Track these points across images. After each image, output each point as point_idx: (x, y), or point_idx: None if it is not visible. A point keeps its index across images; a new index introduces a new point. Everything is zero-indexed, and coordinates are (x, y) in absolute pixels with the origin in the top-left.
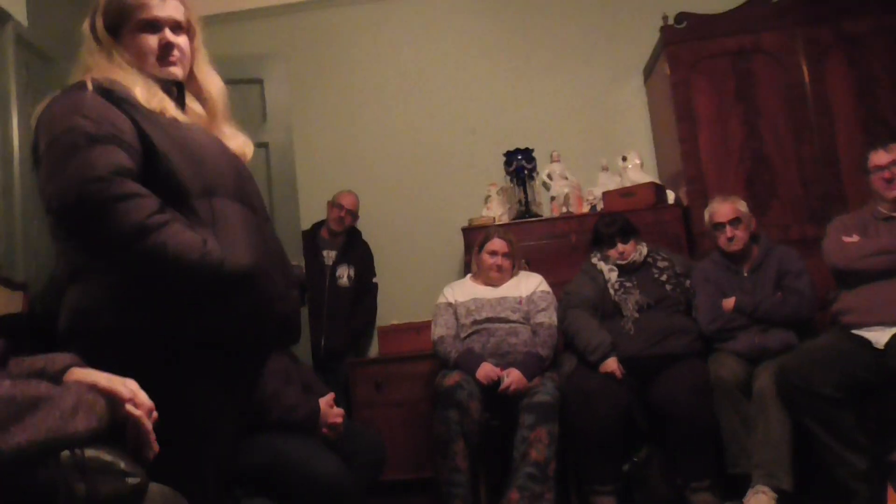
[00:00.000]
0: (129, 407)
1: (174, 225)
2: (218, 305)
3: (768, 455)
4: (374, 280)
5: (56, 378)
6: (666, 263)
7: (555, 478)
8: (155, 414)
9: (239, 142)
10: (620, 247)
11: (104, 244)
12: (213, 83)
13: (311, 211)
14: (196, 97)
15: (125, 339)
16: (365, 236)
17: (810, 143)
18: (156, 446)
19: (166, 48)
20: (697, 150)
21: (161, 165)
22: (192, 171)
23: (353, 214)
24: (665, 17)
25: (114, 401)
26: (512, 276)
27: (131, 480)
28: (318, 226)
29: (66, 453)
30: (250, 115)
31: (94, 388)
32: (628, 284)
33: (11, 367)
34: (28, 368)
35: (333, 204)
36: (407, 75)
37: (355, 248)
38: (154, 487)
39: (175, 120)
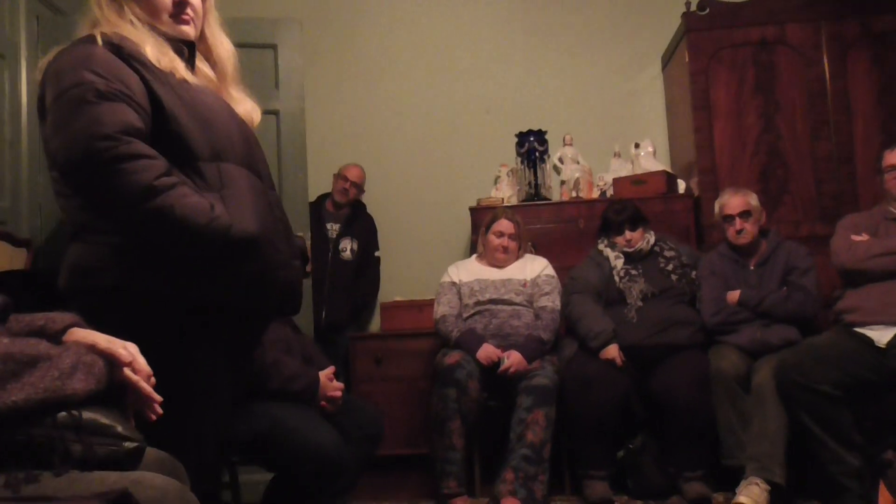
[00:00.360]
0: (127, 371)
1: (181, 188)
2: (222, 270)
3: (763, 448)
4: (377, 254)
5: (56, 337)
6: (673, 253)
7: (549, 460)
8: (153, 380)
9: (247, 107)
10: (628, 234)
11: (110, 204)
12: (223, 46)
13: (319, 182)
14: (205, 59)
15: (127, 300)
16: (372, 211)
17: (827, 140)
18: (158, 409)
19: (180, 5)
20: (712, 141)
21: (170, 127)
22: (202, 135)
23: (358, 187)
24: (688, 3)
25: (112, 363)
26: (518, 258)
27: (128, 444)
28: (322, 198)
29: (63, 414)
30: (262, 80)
31: (93, 349)
32: (634, 272)
33: (11, 324)
34: (28, 326)
35: (339, 176)
36: (423, 50)
37: (359, 222)
38: (151, 452)
39: (185, 81)
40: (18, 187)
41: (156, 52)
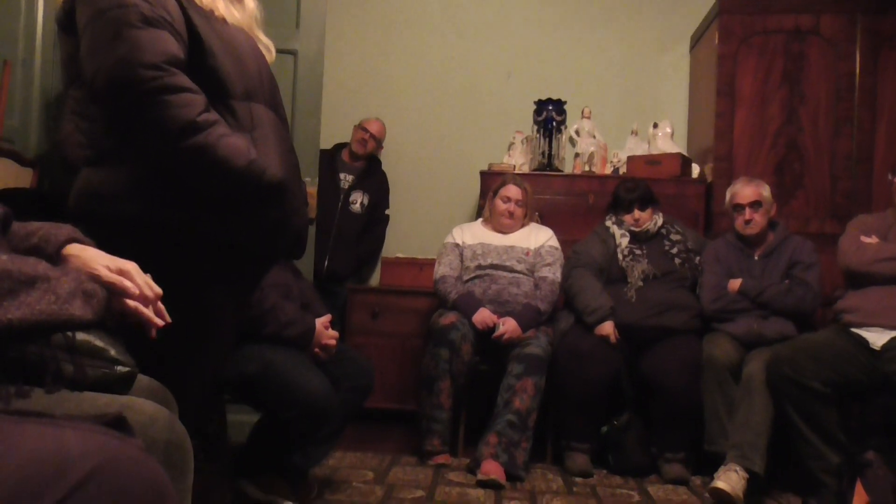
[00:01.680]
0: (132, 303)
1: (221, 126)
2: (247, 213)
3: (746, 437)
4: (387, 212)
5: (55, 254)
6: (679, 237)
7: (534, 429)
8: (160, 304)
9: (263, 46)
10: (637, 213)
11: (148, 134)
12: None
13: (331, 130)
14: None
15: (147, 230)
16: (383, 165)
17: (848, 137)
18: (165, 316)
19: None
20: (732, 128)
21: (206, 61)
22: (236, 73)
23: (378, 141)
24: None
25: (114, 293)
26: (523, 225)
27: (120, 369)
28: (339, 147)
29: (57, 335)
30: (283, 18)
31: (94, 278)
32: (638, 252)
33: (11, 236)
34: (25, 241)
35: (359, 127)
36: (450, 6)
37: (374, 177)
38: (142, 380)
39: (223, 19)
40: (29, 107)
41: None
